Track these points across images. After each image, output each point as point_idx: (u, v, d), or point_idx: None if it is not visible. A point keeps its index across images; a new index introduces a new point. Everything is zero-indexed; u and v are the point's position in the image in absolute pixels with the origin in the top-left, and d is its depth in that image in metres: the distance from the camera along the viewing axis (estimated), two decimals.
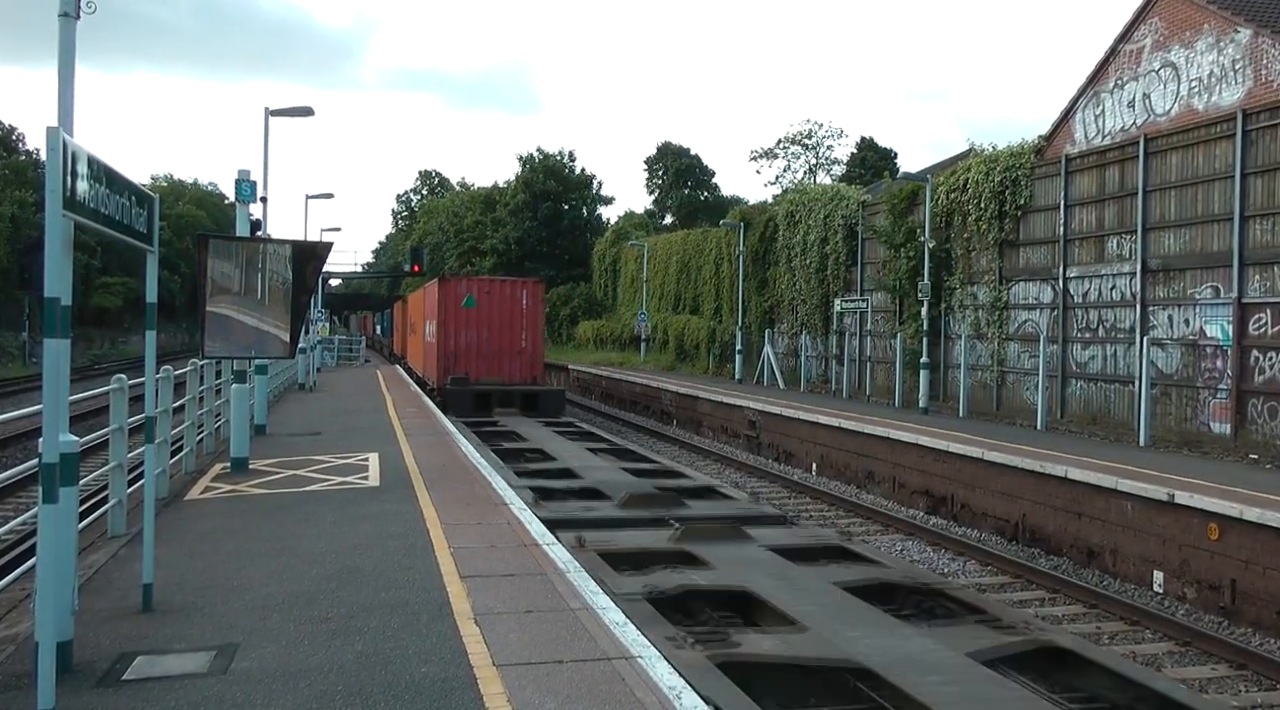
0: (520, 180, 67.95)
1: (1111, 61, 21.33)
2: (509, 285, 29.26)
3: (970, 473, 16.63)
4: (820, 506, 18.14)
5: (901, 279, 26.68)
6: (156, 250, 6.83)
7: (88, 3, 6.05)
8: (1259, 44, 17.84)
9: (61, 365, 5.51)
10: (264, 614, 6.85)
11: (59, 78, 5.89)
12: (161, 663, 5.91)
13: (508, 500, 11.17)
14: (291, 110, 22.97)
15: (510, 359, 28.01)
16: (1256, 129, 17.18)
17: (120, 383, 9.46)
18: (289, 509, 10.74)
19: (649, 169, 76.80)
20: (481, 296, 28.11)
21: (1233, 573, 11.56)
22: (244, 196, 15.32)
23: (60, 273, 5.42)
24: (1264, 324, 16.86)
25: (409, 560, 8.34)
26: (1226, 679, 9.62)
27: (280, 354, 10.95)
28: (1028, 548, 14.94)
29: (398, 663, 5.87)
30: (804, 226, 32.34)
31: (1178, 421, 18.45)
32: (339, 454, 14.96)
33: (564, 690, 5.43)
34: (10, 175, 60.29)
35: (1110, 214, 20.54)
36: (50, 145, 5.16)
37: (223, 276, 10.27)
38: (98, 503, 11.03)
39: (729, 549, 10.60)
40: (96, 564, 8.29)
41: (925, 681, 6.81)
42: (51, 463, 5.32)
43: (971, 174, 24.32)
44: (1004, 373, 23.52)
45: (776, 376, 33.11)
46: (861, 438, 20.25)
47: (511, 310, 28.17)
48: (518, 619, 6.71)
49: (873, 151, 64.14)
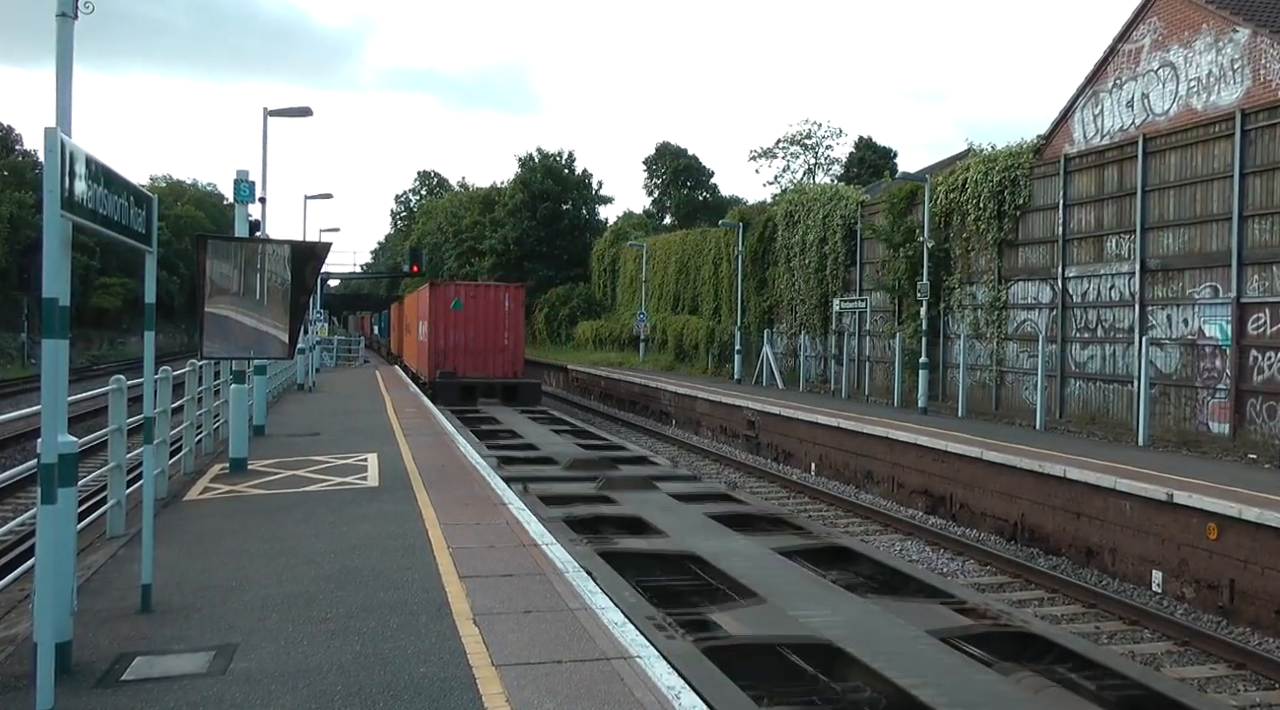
0: (519, 180, 67.89)
1: (1110, 61, 21.34)
2: (493, 290, 32.95)
3: (969, 472, 16.64)
4: (819, 506, 18.13)
5: (900, 279, 26.68)
6: (155, 251, 6.83)
7: (85, 3, 6.04)
8: (1257, 44, 17.85)
9: (60, 366, 5.50)
10: (263, 614, 6.85)
11: (57, 78, 5.89)
12: (160, 663, 5.91)
13: (506, 500, 11.17)
14: (290, 110, 22.94)
15: (494, 355, 31.27)
16: (1255, 129, 17.19)
17: (119, 383, 9.45)
18: (288, 509, 10.74)
19: (648, 169, 76.81)
20: (468, 300, 31.44)
21: (1231, 572, 11.56)
22: (242, 197, 15.32)
23: (58, 273, 5.42)
24: (1263, 323, 16.87)
25: (408, 560, 8.35)
26: (1225, 678, 9.62)
27: (279, 355, 10.94)
28: (1026, 547, 14.94)
29: (397, 663, 5.88)
30: (803, 226, 32.34)
31: (1176, 421, 18.45)
32: (338, 454, 14.96)
33: (563, 690, 5.44)
34: (9, 176, 60.28)
35: (1109, 214, 20.54)
36: (48, 146, 5.15)
37: (221, 277, 10.27)
38: (96, 503, 11.03)
39: (638, 494, 14.02)
40: (95, 565, 8.29)
41: (734, 564, 10.11)
42: (50, 463, 5.32)
43: (970, 174, 24.32)
44: (1003, 372, 23.53)
45: (775, 376, 33.11)
46: (860, 437, 20.26)
47: (495, 312, 31.60)
48: (516, 619, 6.71)
49: (871, 151, 64.09)
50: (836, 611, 8.62)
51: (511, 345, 31.58)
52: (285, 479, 12.80)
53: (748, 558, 10.41)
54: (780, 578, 9.74)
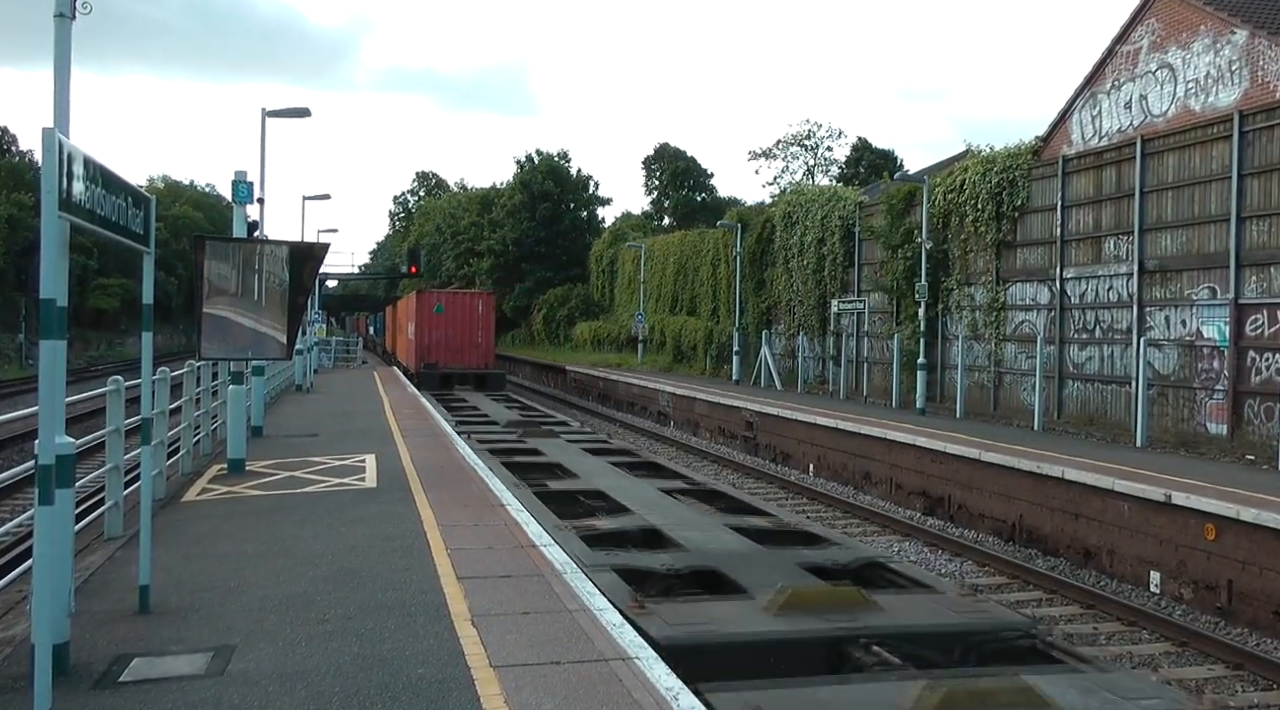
0: (518, 181, 67.85)
1: (1109, 63, 21.36)
2: (469, 296, 40.84)
3: (967, 473, 16.64)
4: (817, 507, 18.13)
5: (899, 280, 26.69)
6: (153, 251, 6.82)
7: (84, 3, 6.03)
8: (1255, 45, 17.86)
9: (57, 367, 5.50)
10: (261, 615, 6.85)
11: (55, 79, 5.88)
12: (158, 664, 5.90)
13: (505, 501, 11.16)
14: (288, 111, 22.93)
15: (468, 350, 37.81)
16: (1253, 130, 17.19)
17: (116, 384, 9.44)
18: (286, 510, 10.73)
19: (647, 170, 76.75)
20: (449, 305, 38.32)
21: (1229, 573, 11.57)
22: (241, 198, 15.31)
23: (56, 274, 5.41)
24: (1260, 325, 16.88)
25: (406, 561, 8.34)
26: (1223, 679, 9.63)
27: (277, 355, 10.93)
28: (1025, 548, 14.95)
29: (395, 664, 5.87)
30: (801, 227, 32.34)
31: (1174, 422, 18.46)
32: (336, 455, 14.95)
33: (561, 691, 5.43)
34: (6, 177, 60.19)
35: (1107, 215, 20.55)
36: (46, 146, 5.15)
37: (220, 278, 10.26)
38: (94, 504, 11.01)
39: (549, 442, 19.52)
40: (93, 566, 8.28)
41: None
42: (48, 464, 5.31)
43: (968, 175, 24.33)
44: (1001, 373, 23.53)
45: (774, 377, 33.11)
46: (858, 438, 20.26)
47: (470, 315, 38.14)
48: (515, 620, 6.71)
49: (870, 152, 64.12)
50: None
51: (483, 343, 38.29)
52: (283, 480, 12.79)
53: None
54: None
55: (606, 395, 38.87)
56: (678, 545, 9.93)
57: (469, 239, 71.69)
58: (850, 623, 7.44)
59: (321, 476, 13.00)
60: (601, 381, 40.07)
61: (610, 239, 59.76)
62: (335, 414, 22.13)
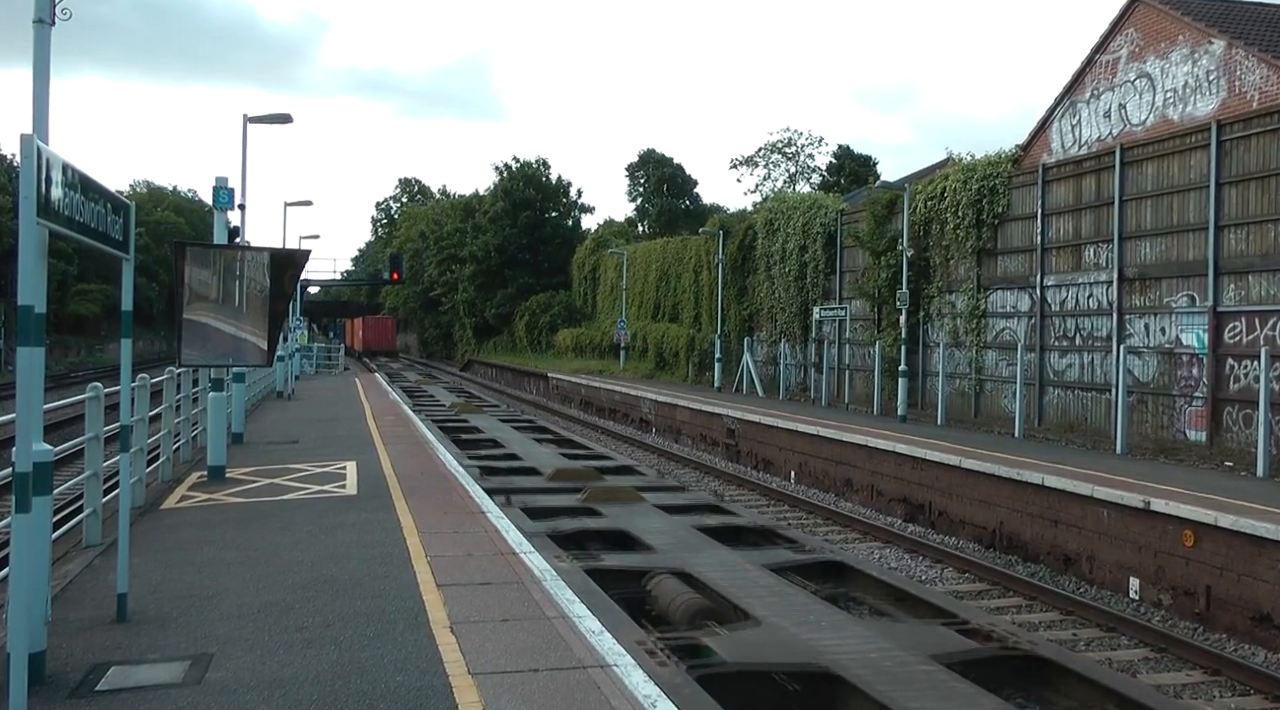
0: (500, 188, 67.78)
1: (1088, 72, 21.52)
2: (382, 320, 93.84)
3: (947, 480, 16.70)
4: (799, 513, 18.15)
5: (881, 287, 26.77)
6: (132, 257, 6.80)
7: (63, 9, 6.02)
8: (1233, 56, 18.04)
9: (35, 373, 5.47)
10: (239, 623, 6.82)
11: (34, 84, 5.86)
12: (135, 673, 5.87)
13: (485, 508, 11.15)
14: (270, 117, 22.80)
15: (382, 341, 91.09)
16: (1230, 139, 17.34)
17: (95, 391, 9.39)
18: (266, 518, 10.69)
19: (630, 176, 76.89)
20: (373, 322, 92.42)
21: (1208, 579, 11.64)
22: (221, 203, 15.27)
23: (34, 280, 5.38)
24: (1239, 332, 17.02)
25: (386, 569, 8.32)
26: (1201, 685, 9.68)
27: (258, 362, 10.92)
28: (1005, 554, 15.01)
29: (373, 672, 5.86)
30: (783, 234, 32.42)
31: (1154, 429, 18.58)
32: (317, 462, 14.90)
33: (539, 699, 5.43)
34: None
35: (1087, 223, 20.69)
36: (24, 152, 5.13)
37: (200, 284, 10.23)
38: (73, 512, 10.94)
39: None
40: (71, 574, 8.23)
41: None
42: (24, 472, 5.29)
43: (949, 183, 24.45)
44: (982, 381, 23.64)
45: (755, 384, 33.16)
46: (839, 445, 20.30)
47: (382, 326, 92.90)
48: (494, 627, 6.70)
49: (850, 159, 64.38)
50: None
51: (390, 339, 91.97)
52: (264, 487, 12.74)
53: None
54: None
55: (589, 402, 38.85)
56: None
57: (452, 245, 71.55)
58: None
59: (302, 483, 12.96)
60: (584, 389, 40.04)
61: (593, 246, 59.75)
62: (316, 421, 22.06)
